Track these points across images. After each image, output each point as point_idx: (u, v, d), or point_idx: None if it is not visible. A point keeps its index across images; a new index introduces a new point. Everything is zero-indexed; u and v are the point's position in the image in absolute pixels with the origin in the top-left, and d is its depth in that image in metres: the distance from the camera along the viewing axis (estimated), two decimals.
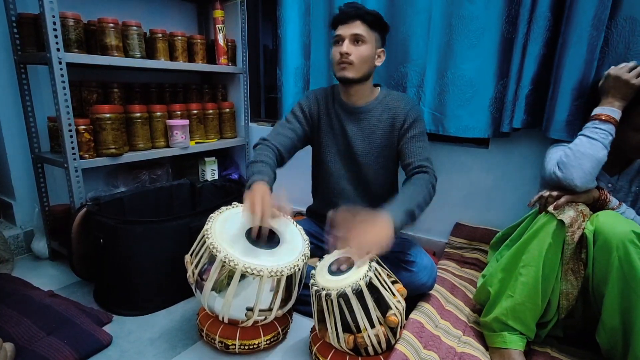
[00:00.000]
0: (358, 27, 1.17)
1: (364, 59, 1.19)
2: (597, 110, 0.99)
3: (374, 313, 0.91)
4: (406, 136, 1.23)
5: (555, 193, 0.97)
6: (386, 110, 1.26)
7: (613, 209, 0.99)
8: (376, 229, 0.98)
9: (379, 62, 1.26)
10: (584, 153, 0.94)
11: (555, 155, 1.02)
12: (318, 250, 1.35)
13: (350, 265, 0.97)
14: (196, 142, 1.89)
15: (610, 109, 0.97)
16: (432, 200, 1.15)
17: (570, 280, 0.96)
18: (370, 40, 1.19)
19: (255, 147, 1.25)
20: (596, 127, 0.96)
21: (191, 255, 1.06)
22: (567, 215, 0.92)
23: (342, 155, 1.33)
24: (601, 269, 0.90)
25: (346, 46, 1.17)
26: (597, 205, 0.99)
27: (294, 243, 1.09)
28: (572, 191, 0.96)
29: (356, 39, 1.18)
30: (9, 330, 1.09)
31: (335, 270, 0.98)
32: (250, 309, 0.98)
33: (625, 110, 0.97)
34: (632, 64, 0.97)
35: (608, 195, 0.99)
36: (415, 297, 1.21)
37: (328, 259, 1.05)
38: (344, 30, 1.19)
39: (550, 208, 0.95)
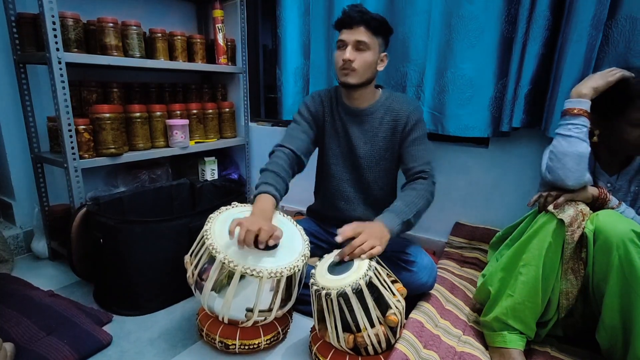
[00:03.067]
0: (362, 34, 1.15)
1: (367, 65, 1.17)
2: (567, 104, 0.99)
3: (374, 312, 0.91)
4: (408, 139, 1.23)
5: (554, 192, 0.98)
6: (388, 112, 1.26)
7: (613, 208, 0.99)
8: (376, 229, 1.03)
9: (381, 67, 1.24)
10: (564, 152, 0.95)
11: (547, 158, 1.02)
12: (318, 250, 1.35)
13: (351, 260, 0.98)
14: (196, 142, 1.89)
15: (577, 101, 0.97)
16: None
17: (570, 279, 0.96)
18: (374, 46, 1.17)
19: (270, 155, 1.24)
20: (569, 123, 0.97)
21: (191, 255, 1.06)
22: (567, 214, 0.92)
23: (344, 157, 1.32)
24: (601, 268, 0.90)
25: (349, 52, 1.15)
26: (596, 204, 0.99)
27: (294, 243, 1.09)
28: (569, 190, 0.96)
29: (359, 46, 1.16)
30: (9, 330, 1.09)
31: (338, 260, 0.99)
32: (250, 310, 0.98)
33: (621, 106, 0.97)
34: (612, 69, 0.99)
35: (608, 194, 0.99)
36: (415, 296, 1.21)
37: (328, 258, 1.05)
38: (348, 36, 1.16)
39: (550, 207, 0.95)
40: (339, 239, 1.01)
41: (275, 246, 1.04)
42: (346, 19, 1.17)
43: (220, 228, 1.03)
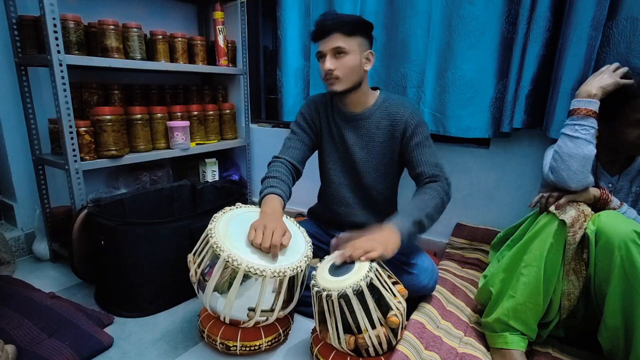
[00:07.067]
0: (337, 40, 1.13)
1: (349, 70, 1.15)
2: (575, 104, 0.97)
3: (375, 314, 0.91)
4: (410, 145, 1.20)
5: (555, 193, 0.97)
6: (385, 116, 1.23)
7: (614, 208, 0.98)
8: (382, 233, 1.02)
9: (368, 66, 1.20)
10: (569, 154, 0.94)
11: (549, 158, 1.02)
12: (319, 251, 1.35)
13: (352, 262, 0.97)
14: (197, 144, 1.89)
15: (587, 101, 0.95)
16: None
17: (571, 280, 0.95)
18: (353, 48, 1.14)
19: (268, 165, 1.25)
20: (576, 124, 0.95)
21: (194, 254, 1.06)
22: (569, 215, 0.92)
23: (342, 162, 1.32)
24: (603, 269, 0.90)
25: (329, 62, 1.14)
26: (598, 205, 0.99)
27: (297, 244, 1.09)
28: (570, 191, 0.96)
29: (337, 52, 1.14)
30: (10, 332, 1.09)
31: (340, 263, 0.98)
32: (252, 310, 0.98)
33: (619, 107, 0.97)
34: (617, 64, 0.98)
35: (609, 195, 0.99)
36: (416, 297, 1.21)
37: (329, 260, 1.05)
38: (324, 46, 1.15)
39: (552, 208, 0.95)
40: (333, 242, 1.03)
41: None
42: (319, 31, 1.16)
43: (225, 227, 1.03)
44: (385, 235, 1.01)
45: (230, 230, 1.03)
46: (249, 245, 1.01)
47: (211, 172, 2.04)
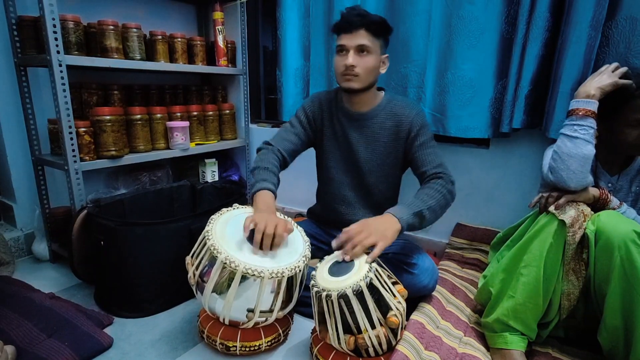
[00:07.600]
0: (363, 37, 1.12)
1: (369, 69, 1.16)
2: (573, 104, 0.97)
3: (375, 314, 0.91)
4: (415, 145, 1.20)
5: (555, 193, 0.98)
6: (390, 117, 1.24)
7: (614, 208, 0.99)
8: (378, 220, 1.01)
9: (383, 70, 1.22)
10: (568, 154, 0.94)
11: (548, 158, 1.02)
12: (319, 251, 1.35)
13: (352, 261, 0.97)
14: (196, 144, 1.89)
15: (586, 101, 0.95)
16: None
17: (571, 280, 0.95)
18: (375, 49, 1.15)
19: (258, 151, 1.25)
20: (574, 124, 0.95)
21: (192, 256, 1.06)
22: (569, 215, 0.92)
23: (344, 161, 1.31)
24: (603, 269, 0.90)
25: (352, 58, 1.12)
26: (598, 205, 0.99)
27: (295, 244, 1.09)
28: (570, 191, 0.96)
29: (361, 50, 1.13)
30: (9, 332, 1.09)
31: (340, 261, 0.98)
32: (251, 310, 0.98)
33: (618, 107, 0.97)
34: (616, 64, 0.98)
35: (609, 194, 0.99)
36: (416, 298, 1.21)
37: (329, 260, 1.05)
38: (348, 41, 1.13)
39: (552, 208, 0.95)
40: (334, 244, 1.02)
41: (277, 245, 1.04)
42: (345, 24, 1.14)
43: (222, 229, 1.03)
44: (382, 222, 1.01)
45: (227, 232, 1.03)
46: (247, 246, 1.00)
47: (211, 173, 2.04)
